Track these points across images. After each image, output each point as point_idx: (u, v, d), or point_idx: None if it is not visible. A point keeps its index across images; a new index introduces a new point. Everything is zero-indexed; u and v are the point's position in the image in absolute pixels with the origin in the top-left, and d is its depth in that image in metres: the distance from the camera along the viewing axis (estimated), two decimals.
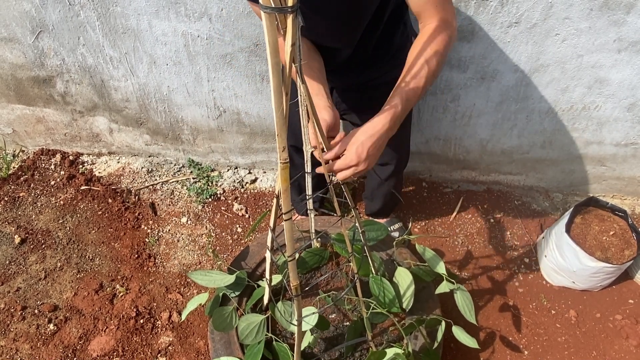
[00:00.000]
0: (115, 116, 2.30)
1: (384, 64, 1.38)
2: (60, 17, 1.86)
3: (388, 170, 1.80)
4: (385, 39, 1.31)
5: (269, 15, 0.60)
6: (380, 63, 1.38)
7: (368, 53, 1.32)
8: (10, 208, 2.31)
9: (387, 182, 1.88)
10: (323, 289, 1.68)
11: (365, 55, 1.32)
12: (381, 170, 1.82)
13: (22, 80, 2.20)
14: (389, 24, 1.27)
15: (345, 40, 1.23)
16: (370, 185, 1.99)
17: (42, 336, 1.86)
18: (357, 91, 1.48)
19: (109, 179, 2.45)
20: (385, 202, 2.02)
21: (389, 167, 1.78)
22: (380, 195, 1.98)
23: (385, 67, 1.39)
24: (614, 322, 1.88)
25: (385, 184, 1.89)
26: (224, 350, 1.47)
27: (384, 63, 1.38)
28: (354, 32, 1.20)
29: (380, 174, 1.84)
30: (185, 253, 2.15)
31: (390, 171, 1.80)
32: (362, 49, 1.28)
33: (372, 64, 1.37)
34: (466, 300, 1.42)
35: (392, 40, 1.34)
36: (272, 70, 0.66)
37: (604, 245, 1.84)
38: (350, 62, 1.33)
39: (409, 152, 1.80)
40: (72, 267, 2.08)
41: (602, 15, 1.56)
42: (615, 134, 1.97)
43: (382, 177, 1.85)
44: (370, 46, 1.30)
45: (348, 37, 1.22)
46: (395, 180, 1.90)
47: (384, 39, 1.30)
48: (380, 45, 1.31)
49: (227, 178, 2.44)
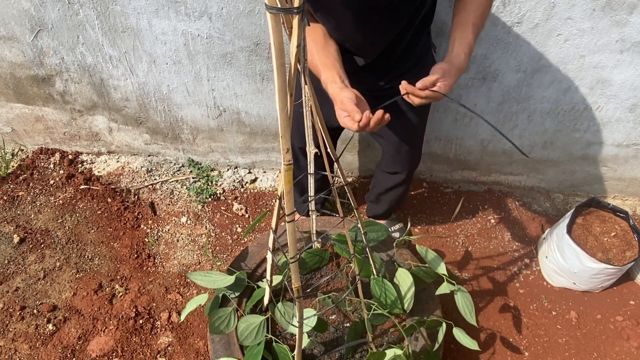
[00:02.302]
0: (115, 115, 2.29)
1: (403, 73, 1.37)
2: (59, 16, 1.85)
3: (399, 178, 1.79)
4: (410, 46, 1.31)
5: (274, 15, 0.59)
6: (399, 71, 1.36)
7: (391, 61, 1.32)
8: (9, 207, 2.30)
9: (395, 189, 1.87)
10: (323, 290, 1.67)
11: (386, 62, 1.32)
12: (392, 178, 1.81)
13: (21, 79, 2.18)
14: (417, 30, 1.27)
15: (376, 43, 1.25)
16: (376, 190, 1.97)
17: (41, 336, 1.85)
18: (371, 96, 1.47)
19: (108, 178, 2.44)
20: (390, 206, 2.02)
21: (400, 176, 1.78)
22: (387, 200, 1.97)
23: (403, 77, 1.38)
24: (614, 324, 1.88)
25: (392, 190, 1.88)
26: (223, 351, 1.46)
27: (403, 72, 1.37)
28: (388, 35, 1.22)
29: (391, 181, 1.83)
30: (185, 253, 2.14)
31: (401, 179, 1.79)
32: (386, 56, 1.29)
33: (391, 71, 1.36)
34: (466, 302, 1.42)
35: (415, 49, 1.34)
36: (277, 71, 0.65)
37: (605, 246, 1.84)
38: (370, 67, 1.32)
39: (420, 160, 1.78)
40: (71, 267, 2.07)
41: (605, 16, 1.55)
42: (617, 135, 1.96)
43: (392, 184, 1.84)
44: (396, 54, 1.30)
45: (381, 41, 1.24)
46: (405, 187, 1.89)
47: (409, 46, 1.31)
48: (404, 53, 1.31)
49: (227, 178, 2.43)
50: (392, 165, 1.74)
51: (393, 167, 1.75)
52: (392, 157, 1.70)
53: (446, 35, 1.69)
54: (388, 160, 1.74)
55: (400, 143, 1.61)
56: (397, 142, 1.60)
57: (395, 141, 1.60)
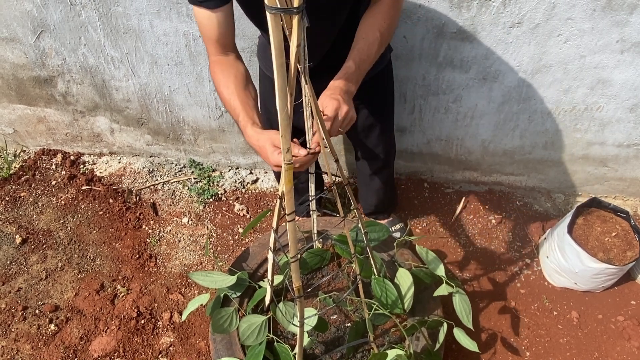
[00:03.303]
0: (117, 116, 2.30)
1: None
2: (61, 17, 1.86)
3: (376, 164, 1.81)
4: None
5: (274, 15, 0.60)
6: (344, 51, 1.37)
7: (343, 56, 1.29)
8: (12, 208, 2.31)
9: (377, 176, 1.88)
10: (324, 290, 1.67)
11: (340, 58, 1.27)
12: (369, 165, 1.83)
13: (23, 80, 2.19)
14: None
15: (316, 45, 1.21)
16: (361, 181, 1.99)
17: (43, 336, 1.86)
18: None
19: (110, 179, 2.45)
20: (379, 198, 2.02)
21: (377, 162, 1.79)
22: (373, 190, 1.97)
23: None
24: (616, 324, 1.88)
25: (375, 178, 1.89)
26: (225, 351, 1.47)
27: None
28: (329, 35, 1.20)
29: (369, 168, 1.84)
30: (187, 253, 2.14)
31: (379, 165, 1.81)
32: (336, 53, 1.25)
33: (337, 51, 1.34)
34: (464, 304, 1.42)
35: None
36: (277, 71, 0.65)
37: (606, 246, 1.84)
38: (321, 68, 1.29)
39: (394, 144, 1.80)
40: (73, 267, 2.08)
41: (605, 16, 1.55)
42: (618, 135, 1.96)
43: (371, 170, 1.85)
44: (346, 49, 1.27)
45: (323, 41, 1.21)
46: (386, 175, 1.90)
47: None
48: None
49: (229, 178, 2.44)
50: (366, 150, 1.75)
51: (367, 151, 1.75)
52: (363, 145, 1.71)
53: (446, 35, 1.69)
54: (361, 151, 1.76)
55: (368, 130, 1.62)
56: (366, 129, 1.61)
57: (365, 128, 1.61)
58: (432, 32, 1.69)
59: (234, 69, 1.14)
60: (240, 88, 1.11)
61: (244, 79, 1.15)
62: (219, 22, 1.09)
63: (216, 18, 1.08)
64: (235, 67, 1.15)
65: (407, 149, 2.23)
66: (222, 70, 1.13)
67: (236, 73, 1.14)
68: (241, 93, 1.10)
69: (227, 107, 1.12)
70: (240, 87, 1.11)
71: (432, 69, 1.82)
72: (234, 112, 1.10)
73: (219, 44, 1.13)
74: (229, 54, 1.17)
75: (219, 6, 1.07)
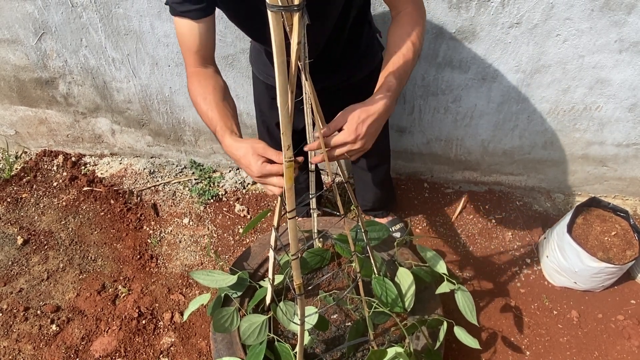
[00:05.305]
0: (118, 117, 2.31)
1: (352, 67, 1.37)
2: (62, 19, 1.87)
3: (372, 161, 1.82)
4: (354, 39, 1.30)
5: (275, 14, 0.61)
6: (348, 66, 1.36)
7: (336, 56, 1.30)
8: (13, 209, 2.32)
9: (373, 173, 1.89)
10: (324, 290, 1.68)
11: (332, 58, 1.29)
12: (366, 162, 1.84)
13: (24, 82, 2.20)
14: (355, 23, 1.26)
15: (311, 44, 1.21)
16: (357, 178, 2.00)
17: (45, 337, 1.86)
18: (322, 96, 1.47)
19: (111, 180, 2.46)
20: (376, 194, 2.02)
21: (373, 159, 1.80)
22: (369, 187, 1.98)
23: (353, 70, 1.38)
24: (615, 323, 1.88)
25: (372, 174, 1.90)
26: (226, 351, 1.47)
27: (352, 65, 1.36)
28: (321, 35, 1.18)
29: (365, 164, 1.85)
30: (187, 254, 2.15)
31: (374, 163, 1.82)
32: (329, 53, 1.25)
33: (340, 66, 1.35)
34: (467, 301, 1.42)
35: (360, 40, 1.33)
36: (278, 68, 0.66)
37: (606, 245, 1.84)
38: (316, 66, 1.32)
39: (388, 142, 1.80)
40: (74, 268, 2.09)
41: (603, 16, 1.56)
42: (617, 135, 1.97)
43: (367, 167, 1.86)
44: (339, 49, 1.28)
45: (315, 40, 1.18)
46: (382, 172, 1.91)
47: (352, 40, 1.29)
48: (348, 47, 1.30)
49: (229, 179, 2.45)
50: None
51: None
52: None
53: (446, 35, 1.70)
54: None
55: None
56: None
57: None
58: (431, 33, 1.70)
59: (212, 80, 1.11)
60: (218, 99, 1.07)
61: (223, 91, 1.11)
62: (201, 34, 1.07)
63: (198, 29, 1.07)
64: (214, 79, 1.12)
65: (406, 149, 2.23)
66: (200, 82, 1.10)
67: (215, 85, 1.10)
68: (219, 104, 1.06)
69: (204, 119, 1.08)
70: (218, 99, 1.07)
71: (431, 69, 1.83)
72: (210, 122, 1.05)
73: (198, 55, 1.11)
74: (208, 66, 1.14)
75: (202, 17, 1.05)
